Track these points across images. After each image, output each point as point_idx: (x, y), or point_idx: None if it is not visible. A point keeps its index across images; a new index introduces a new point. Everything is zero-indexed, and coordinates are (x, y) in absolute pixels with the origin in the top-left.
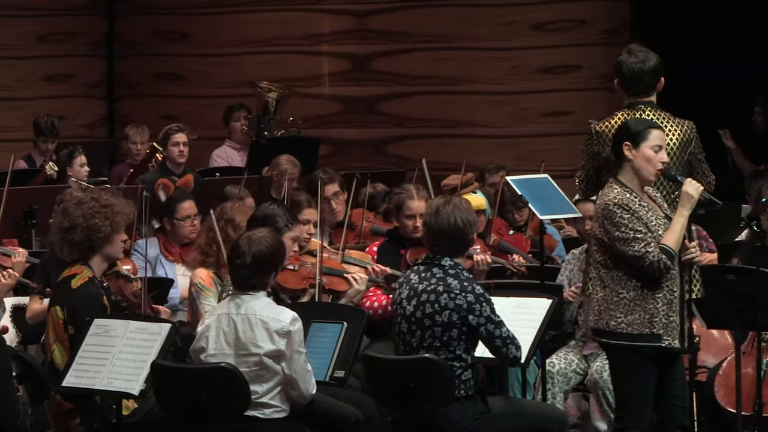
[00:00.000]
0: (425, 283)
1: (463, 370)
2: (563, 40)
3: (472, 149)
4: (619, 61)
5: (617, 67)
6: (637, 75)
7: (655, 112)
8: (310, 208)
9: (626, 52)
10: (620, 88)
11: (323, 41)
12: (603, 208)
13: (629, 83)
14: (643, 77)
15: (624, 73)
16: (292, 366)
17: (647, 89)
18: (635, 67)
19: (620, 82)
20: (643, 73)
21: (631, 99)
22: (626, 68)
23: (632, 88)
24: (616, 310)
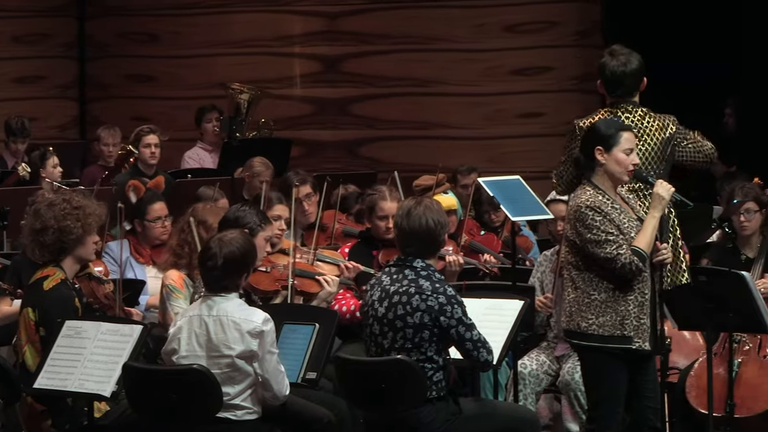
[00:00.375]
0: (397, 284)
1: (434, 372)
2: (535, 41)
3: (445, 151)
4: (601, 63)
5: (600, 69)
6: (619, 78)
7: (636, 109)
8: (281, 204)
9: (608, 54)
10: (603, 89)
11: (295, 43)
12: (575, 210)
13: (612, 86)
14: (624, 80)
15: (607, 76)
16: (264, 366)
17: (630, 91)
18: (617, 70)
19: (603, 84)
20: (625, 76)
21: (613, 99)
22: (609, 71)
23: (615, 90)
24: (588, 312)
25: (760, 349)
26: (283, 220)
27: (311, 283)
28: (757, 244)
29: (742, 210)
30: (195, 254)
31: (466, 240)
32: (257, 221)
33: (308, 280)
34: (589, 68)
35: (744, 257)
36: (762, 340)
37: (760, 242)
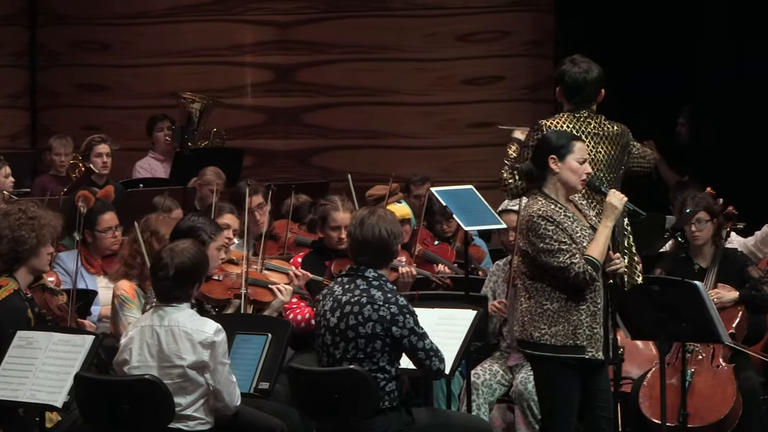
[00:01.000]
0: (349, 294)
1: (387, 382)
2: (487, 51)
3: (398, 160)
4: (562, 70)
5: (560, 76)
6: (580, 85)
7: (596, 116)
8: (230, 214)
9: (569, 61)
10: (562, 97)
11: (246, 52)
12: (527, 220)
13: (571, 92)
14: (585, 87)
15: (567, 83)
16: (216, 377)
17: (589, 99)
18: (579, 77)
19: (562, 91)
20: (586, 83)
21: (572, 107)
22: (569, 77)
23: (574, 97)
24: (540, 322)
25: (713, 359)
26: (232, 230)
27: (264, 291)
28: (710, 254)
29: (693, 220)
30: (146, 265)
31: (420, 250)
32: (209, 231)
33: (261, 289)
34: (541, 78)
35: (697, 267)
36: (715, 350)
37: (712, 252)
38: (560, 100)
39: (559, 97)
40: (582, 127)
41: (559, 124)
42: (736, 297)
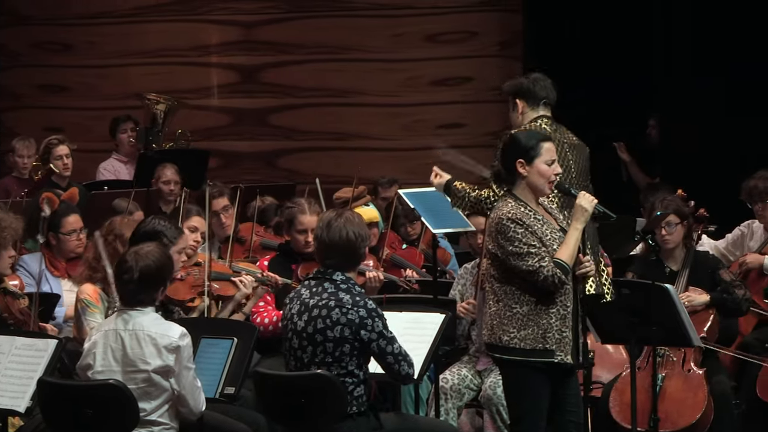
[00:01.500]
0: (316, 298)
1: (355, 386)
2: (456, 51)
3: (365, 162)
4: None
5: (516, 88)
6: (541, 84)
7: (553, 125)
8: (198, 216)
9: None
10: (525, 107)
11: (211, 52)
12: (496, 222)
13: (534, 95)
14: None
15: (527, 88)
16: (180, 382)
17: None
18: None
19: (524, 100)
20: (548, 86)
21: (531, 112)
22: (527, 84)
23: (539, 101)
24: (509, 325)
25: (684, 362)
26: (200, 233)
27: (227, 285)
28: (681, 257)
29: (663, 223)
30: (109, 268)
31: (388, 254)
32: (171, 235)
33: (224, 283)
34: (511, 79)
35: (668, 270)
36: (686, 353)
37: (684, 255)
38: (520, 115)
39: (521, 110)
40: (557, 135)
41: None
42: (708, 300)
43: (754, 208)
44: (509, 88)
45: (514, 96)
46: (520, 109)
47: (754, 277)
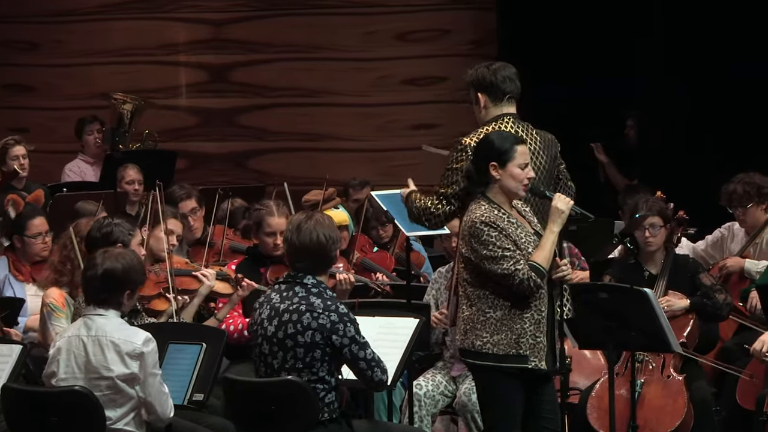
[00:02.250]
0: (287, 302)
1: (326, 393)
2: (428, 50)
3: (336, 163)
4: (478, 75)
5: (478, 81)
6: (506, 78)
7: (519, 124)
8: (173, 219)
9: (484, 67)
10: (488, 103)
11: (179, 51)
12: (470, 226)
13: (497, 90)
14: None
15: (489, 82)
16: (146, 389)
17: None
18: (499, 73)
19: (487, 95)
20: (513, 78)
21: (495, 108)
22: (488, 80)
23: (502, 96)
24: (482, 330)
25: (664, 368)
26: (175, 236)
27: (190, 280)
28: (661, 260)
29: (646, 225)
30: (77, 271)
31: (358, 257)
32: (125, 231)
33: (186, 278)
34: None
35: (647, 273)
36: (665, 359)
37: (663, 258)
38: (482, 110)
39: (484, 105)
40: (526, 134)
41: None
42: (687, 305)
43: (735, 212)
44: (470, 79)
45: (476, 89)
46: (483, 103)
47: (735, 280)
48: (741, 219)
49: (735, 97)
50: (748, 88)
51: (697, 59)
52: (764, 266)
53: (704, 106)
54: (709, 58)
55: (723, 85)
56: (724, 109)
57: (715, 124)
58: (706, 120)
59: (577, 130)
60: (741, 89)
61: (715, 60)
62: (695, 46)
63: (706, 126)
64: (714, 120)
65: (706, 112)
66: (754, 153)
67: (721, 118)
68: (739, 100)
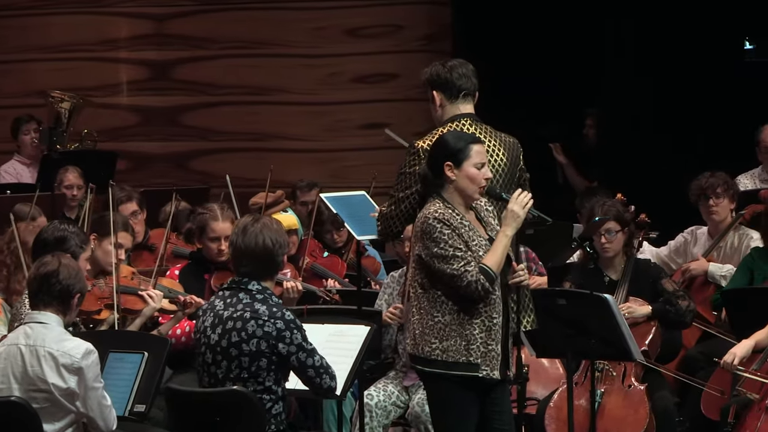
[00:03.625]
0: (231, 309)
1: (273, 403)
2: (379, 46)
3: (284, 164)
4: (434, 72)
5: (434, 78)
6: (462, 75)
7: (477, 126)
8: (124, 232)
9: (439, 65)
10: (444, 101)
11: (120, 47)
12: (422, 222)
13: (453, 87)
14: (471, 77)
15: (445, 79)
16: (87, 404)
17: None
18: (455, 70)
19: (441, 93)
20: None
21: (451, 107)
22: (443, 76)
23: (458, 92)
24: (431, 335)
25: (625, 378)
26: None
27: (135, 299)
28: (621, 265)
29: (602, 230)
30: (14, 277)
31: (308, 263)
32: (78, 242)
33: (131, 297)
34: None
35: (607, 279)
36: (626, 368)
37: (624, 263)
38: (438, 109)
39: (440, 103)
40: (484, 135)
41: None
42: (649, 312)
43: (705, 205)
44: (425, 77)
45: (431, 88)
46: (438, 101)
47: (698, 285)
48: (713, 211)
49: (700, 97)
50: (714, 88)
51: (662, 57)
52: (729, 270)
53: (667, 105)
54: (675, 57)
55: (688, 85)
56: (688, 109)
57: (679, 124)
58: (670, 120)
59: (535, 128)
60: (706, 89)
61: (681, 58)
62: (659, 43)
63: (669, 126)
64: (677, 120)
65: (669, 112)
66: (719, 155)
67: (685, 119)
68: (703, 100)
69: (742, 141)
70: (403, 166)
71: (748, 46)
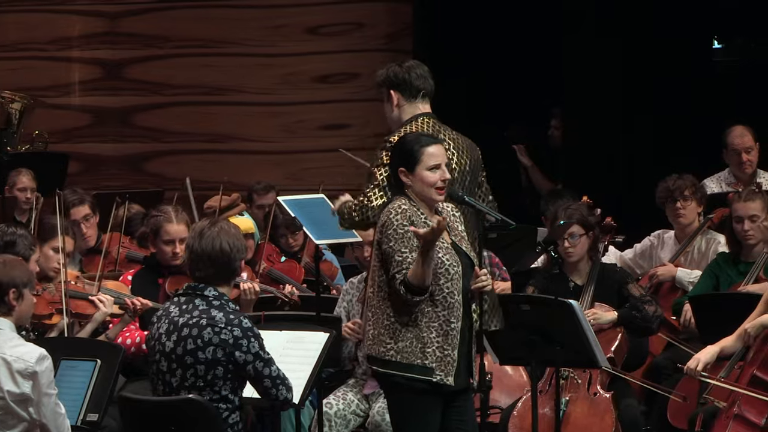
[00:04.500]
0: (186, 315)
1: (230, 413)
2: (340, 45)
3: (241, 166)
4: (391, 72)
5: (390, 78)
6: (420, 76)
7: (438, 125)
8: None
9: (396, 65)
10: (401, 100)
11: (72, 46)
12: (386, 213)
13: (412, 87)
14: (427, 77)
15: (402, 79)
16: (41, 410)
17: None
18: (412, 71)
19: (399, 93)
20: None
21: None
22: (403, 74)
23: (417, 92)
24: (386, 335)
25: (590, 385)
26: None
27: (85, 304)
28: (586, 270)
29: (566, 234)
30: None
31: (265, 268)
32: (27, 245)
33: (82, 302)
34: None
35: (572, 284)
36: (592, 375)
37: (589, 268)
38: (395, 109)
39: (397, 103)
40: (445, 135)
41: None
42: (615, 318)
43: (672, 208)
44: (381, 78)
45: (388, 87)
46: (395, 101)
47: (666, 291)
48: (680, 213)
49: (668, 97)
50: (682, 88)
51: (629, 55)
52: (697, 276)
53: (635, 106)
54: (642, 56)
55: (655, 85)
56: (655, 110)
57: (646, 124)
58: (637, 121)
59: (498, 129)
60: (674, 89)
61: (648, 57)
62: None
63: (636, 127)
64: (645, 121)
65: (636, 113)
66: (688, 157)
67: (653, 120)
68: (671, 100)
69: (709, 142)
70: (377, 161)
71: (716, 45)
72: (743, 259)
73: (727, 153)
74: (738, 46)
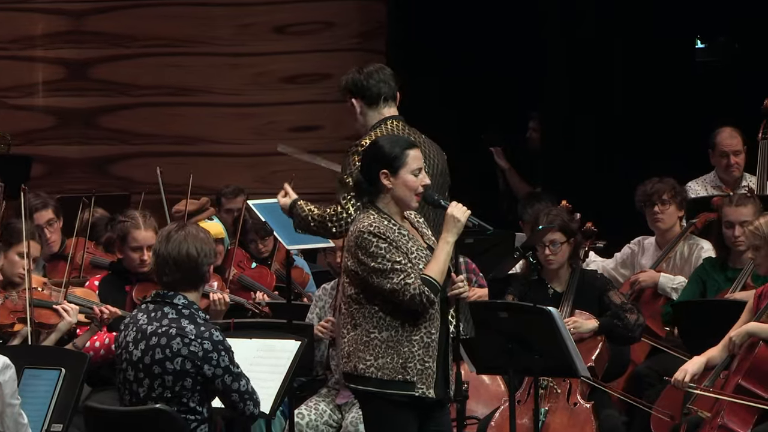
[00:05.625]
0: (155, 324)
1: (198, 424)
2: (310, 45)
3: (209, 169)
4: (354, 79)
5: (353, 85)
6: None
7: (408, 128)
8: (32, 240)
9: (355, 71)
10: (363, 108)
11: (35, 45)
12: (356, 236)
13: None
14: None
15: (364, 85)
16: (3, 421)
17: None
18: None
19: (362, 100)
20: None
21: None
22: (365, 79)
23: (377, 98)
24: (366, 352)
25: (570, 395)
26: (32, 259)
27: (49, 313)
28: (566, 277)
29: (546, 241)
30: None
31: (236, 274)
32: None
33: (45, 311)
34: None
35: (552, 291)
36: (572, 385)
37: (569, 274)
38: (360, 116)
39: (360, 110)
40: (415, 137)
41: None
42: (596, 326)
43: (650, 212)
44: (342, 85)
45: (350, 95)
46: (359, 109)
47: (648, 298)
48: (659, 218)
49: (649, 98)
50: (664, 88)
51: (610, 56)
52: (680, 282)
53: (615, 107)
54: (622, 56)
55: (636, 85)
56: (637, 111)
57: (626, 126)
58: (617, 122)
59: (475, 131)
60: (655, 90)
61: (629, 57)
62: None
63: (616, 129)
64: (625, 122)
65: (616, 114)
66: (669, 161)
67: (633, 121)
68: (652, 101)
69: (692, 144)
70: (349, 167)
71: (699, 45)
72: (731, 265)
73: (714, 155)
74: (721, 45)
